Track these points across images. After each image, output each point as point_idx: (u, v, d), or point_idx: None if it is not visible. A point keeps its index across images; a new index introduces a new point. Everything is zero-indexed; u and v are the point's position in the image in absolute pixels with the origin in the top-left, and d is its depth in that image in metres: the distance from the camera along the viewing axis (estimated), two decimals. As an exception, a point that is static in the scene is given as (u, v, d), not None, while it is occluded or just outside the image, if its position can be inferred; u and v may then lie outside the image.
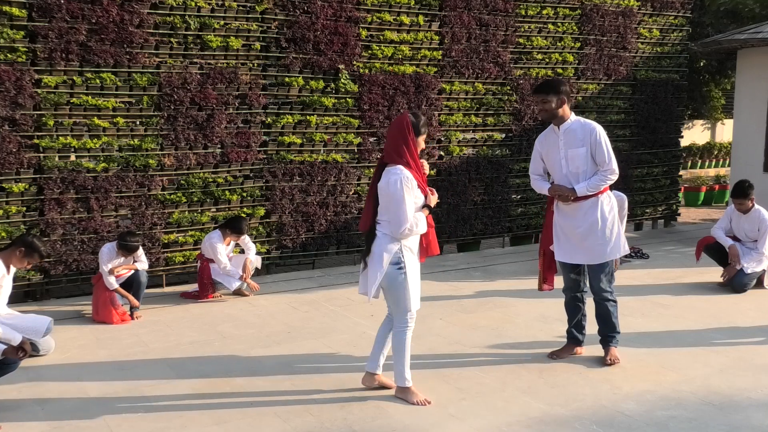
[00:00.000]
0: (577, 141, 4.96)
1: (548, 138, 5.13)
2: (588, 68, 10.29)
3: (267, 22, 8.09)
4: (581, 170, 4.96)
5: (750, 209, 7.41)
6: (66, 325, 6.33)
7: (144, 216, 7.57)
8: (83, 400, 4.62)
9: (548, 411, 4.34)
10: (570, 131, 4.99)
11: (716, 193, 15.34)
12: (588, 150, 4.94)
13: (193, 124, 7.73)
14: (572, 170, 4.98)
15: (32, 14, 6.96)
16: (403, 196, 4.22)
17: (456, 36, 9.22)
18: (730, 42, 10.39)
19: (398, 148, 4.33)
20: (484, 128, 9.66)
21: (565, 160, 5.00)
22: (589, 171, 4.97)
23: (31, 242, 5.50)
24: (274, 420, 4.26)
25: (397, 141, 4.34)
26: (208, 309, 6.92)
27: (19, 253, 5.45)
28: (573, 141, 4.97)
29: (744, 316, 6.40)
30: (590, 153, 4.95)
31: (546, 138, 5.15)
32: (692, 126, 23.81)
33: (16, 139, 6.94)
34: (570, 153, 4.96)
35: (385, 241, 4.34)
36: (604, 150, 4.93)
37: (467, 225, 9.57)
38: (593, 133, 4.94)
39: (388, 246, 4.33)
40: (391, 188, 4.24)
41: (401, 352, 4.48)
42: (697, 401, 4.46)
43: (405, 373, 4.49)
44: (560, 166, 5.04)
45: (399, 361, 4.50)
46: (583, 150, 4.93)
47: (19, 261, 5.49)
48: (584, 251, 5.03)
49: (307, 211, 8.43)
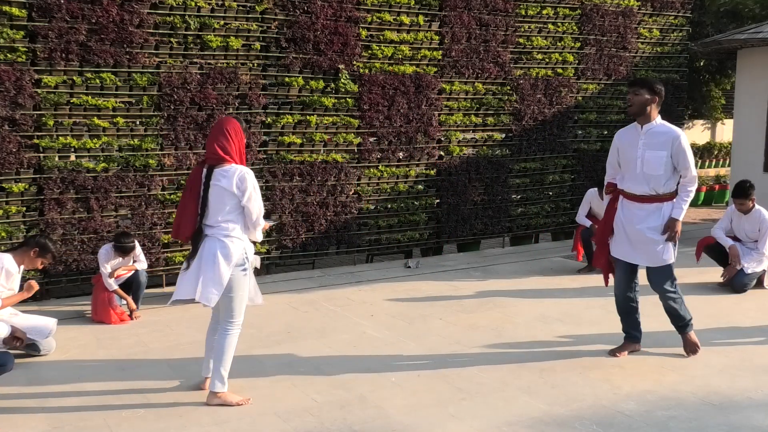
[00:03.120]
0: (658, 144, 4.94)
1: (628, 134, 5.12)
2: (588, 68, 10.29)
3: (267, 22, 8.09)
4: (656, 173, 4.94)
5: (750, 209, 7.41)
6: (66, 325, 6.33)
7: (144, 216, 7.57)
8: (83, 400, 4.61)
9: (548, 411, 4.34)
10: (652, 133, 4.99)
11: (716, 193, 15.35)
12: (668, 154, 4.92)
13: (193, 124, 7.73)
14: (647, 171, 4.97)
15: (32, 14, 6.96)
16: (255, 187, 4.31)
17: (456, 36, 9.22)
18: (730, 42, 10.39)
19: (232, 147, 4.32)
20: (484, 128, 9.66)
21: (641, 161, 4.97)
22: (664, 176, 4.95)
23: (44, 243, 5.57)
24: (274, 420, 4.26)
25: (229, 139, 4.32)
26: (208, 309, 6.82)
27: (33, 253, 5.51)
28: (654, 143, 4.95)
29: (744, 316, 6.39)
30: (670, 158, 4.93)
31: (626, 133, 5.15)
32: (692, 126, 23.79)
33: (16, 139, 6.94)
34: (648, 154, 4.94)
35: (229, 243, 4.32)
36: (688, 158, 4.93)
37: (467, 225, 9.56)
38: (677, 140, 4.91)
39: (233, 248, 4.31)
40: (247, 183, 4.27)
41: (224, 354, 4.43)
42: (697, 401, 4.46)
43: (224, 377, 4.44)
44: (635, 165, 5.01)
45: (220, 364, 4.42)
46: (663, 154, 4.90)
47: (31, 261, 5.55)
48: (644, 254, 5.08)
49: (307, 211, 8.43)
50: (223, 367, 4.45)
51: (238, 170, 4.30)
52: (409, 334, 5.95)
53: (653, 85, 4.95)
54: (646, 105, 4.94)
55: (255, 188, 4.33)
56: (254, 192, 4.31)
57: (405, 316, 6.52)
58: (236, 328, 4.50)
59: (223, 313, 4.50)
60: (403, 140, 8.99)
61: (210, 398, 4.50)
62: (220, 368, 4.45)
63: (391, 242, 9.11)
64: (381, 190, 8.98)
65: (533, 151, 9.98)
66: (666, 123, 5.07)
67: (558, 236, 10.59)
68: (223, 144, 4.32)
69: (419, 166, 9.26)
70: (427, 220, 9.36)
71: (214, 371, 4.48)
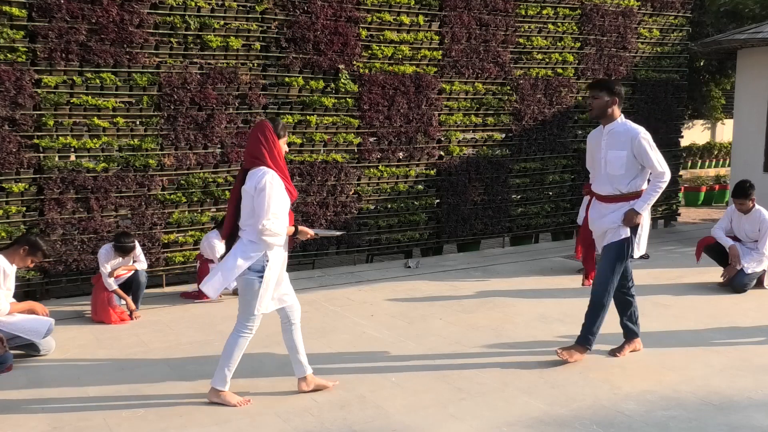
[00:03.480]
0: (619, 143, 4.93)
1: (595, 135, 5.16)
2: (588, 68, 10.29)
3: (267, 22, 8.09)
4: (618, 173, 4.94)
5: (750, 209, 7.41)
6: (66, 325, 6.33)
7: (144, 216, 7.57)
8: (83, 400, 4.61)
9: (548, 411, 4.34)
10: (614, 133, 4.98)
11: (716, 193, 15.35)
12: (629, 154, 4.89)
13: (193, 124, 7.73)
14: (610, 172, 4.97)
15: (32, 14, 6.96)
16: (267, 192, 4.23)
17: (456, 36, 9.22)
18: (730, 42, 10.39)
19: (261, 151, 4.34)
20: (484, 128, 9.66)
21: (604, 161, 4.99)
22: (626, 175, 4.94)
23: (34, 241, 5.55)
24: (274, 420, 4.26)
25: (257, 145, 4.35)
26: (207, 309, 6.92)
27: (22, 251, 5.49)
28: (615, 143, 4.95)
29: (744, 316, 6.39)
30: (633, 157, 4.91)
31: (594, 135, 5.19)
32: (692, 126, 23.82)
33: (16, 139, 6.94)
34: (610, 155, 4.94)
35: (249, 248, 4.32)
36: (650, 155, 4.87)
37: (467, 225, 9.56)
38: (636, 139, 4.88)
39: (251, 253, 4.31)
40: (258, 186, 4.25)
41: (231, 355, 4.44)
42: (697, 401, 4.46)
43: (227, 377, 4.46)
44: (600, 166, 5.04)
45: (226, 363, 4.44)
46: (623, 154, 4.89)
47: (22, 259, 5.53)
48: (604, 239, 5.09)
49: (307, 211, 8.43)
50: (227, 367, 4.45)
51: (261, 172, 4.29)
52: (409, 334, 5.95)
53: (612, 87, 4.94)
54: (606, 107, 4.94)
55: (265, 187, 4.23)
56: (262, 191, 4.23)
57: (405, 316, 6.52)
58: (247, 331, 4.48)
59: (239, 313, 4.52)
60: (403, 140, 8.99)
61: (211, 394, 4.51)
62: (225, 368, 4.45)
63: (391, 242, 9.11)
64: (381, 190, 8.98)
65: (533, 151, 9.98)
66: (628, 122, 5.03)
67: (558, 236, 10.59)
68: (252, 149, 4.37)
69: (419, 166, 9.26)
70: (427, 220, 9.36)
71: (218, 369, 4.48)
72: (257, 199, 4.25)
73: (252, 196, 4.27)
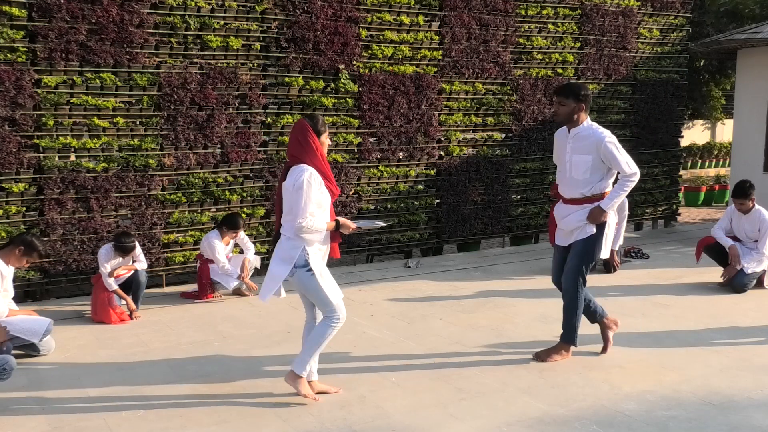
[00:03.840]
0: (584, 148, 4.92)
1: (561, 136, 5.14)
2: (588, 68, 10.29)
3: (267, 22, 8.09)
4: (582, 178, 4.93)
5: (750, 209, 7.41)
6: (66, 325, 6.33)
7: (144, 216, 7.57)
8: (83, 400, 4.61)
9: (548, 411, 4.34)
10: (579, 137, 4.97)
11: (716, 193, 15.35)
12: (594, 159, 4.88)
13: (193, 124, 7.73)
14: (575, 176, 4.97)
15: (32, 14, 6.96)
16: (305, 190, 4.24)
17: (456, 36, 9.22)
18: (730, 42, 10.39)
19: (300, 149, 4.37)
20: (484, 128, 9.66)
21: (569, 164, 4.98)
22: (590, 179, 4.93)
23: (30, 241, 5.51)
24: (274, 420, 4.26)
25: (298, 144, 4.38)
26: (207, 309, 6.92)
27: (18, 251, 5.45)
28: (580, 147, 4.94)
29: (744, 316, 6.39)
30: (599, 161, 4.89)
31: (560, 136, 5.16)
32: (692, 126, 23.81)
33: (16, 139, 6.93)
34: (575, 158, 4.94)
35: (288, 245, 4.35)
36: (618, 158, 4.87)
37: (467, 225, 9.57)
38: (601, 144, 4.86)
39: (290, 251, 4.33)
40: (296, 184, 4.26)
41: (317, 344, 4.43)
42: (697, 401, 4.46)
43: (306, 364, 4.46)
44: (565, 169, 5.04)
45: (309, 351, 4.44)
46: (588, 158, 4.88)
47: (17, 260, 5.50)
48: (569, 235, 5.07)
49: (307, 211, 8.42)
50: (312, 356, 4.45)
51: (299, 169, 4.31)
52: (409, 334, 5.95)
53: (579, 92, 4.90)
54: (573, 113, 4.92)
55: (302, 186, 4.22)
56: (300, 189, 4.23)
57: (405, 316, 6.52)
58: (335, 321, 4.45)
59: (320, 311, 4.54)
60: (403, 140, 8.99)
61: (288, 377, 4.49)
62: (309, 355, 4.45)
63: (391, 242, 9.11)
64: (381, 190, 8.98)
65: (533, 151, 9.98)
66: (594, 125, 4.99)
67: (558, 236, 10.58)
68: (292, 148, 4.42)
69: (419, 166, 9.26)
70: (427, 220, 9.36)
71: (301, 354, 4.47)
72: (294, 196, 4.27)
73: (291, 192, 4.30)
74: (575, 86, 4.97)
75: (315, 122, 4.43)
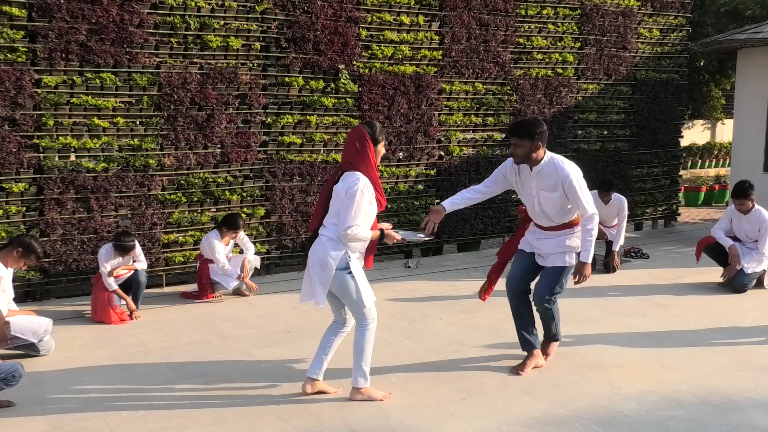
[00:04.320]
0: (549, 185, 4.76)
1: (523, 171, 4.90)
2: (588, 68, 10.29)
3: (267, 22, 8.09)
4: (554, 211, 4.84)
5: (750, 209, 7.41)
6: (66, 325, 6.33)
7: (144, 216, 7.57)
8: (83, 400, 4.61)
9: (548, 411, 4.34)
10: (542, 174, 4.78)
11: (716, 193, 15.35)
12: (561, 195, 4.76)
13: (193, 124, 7.73)
14: (545, 210, 4.87)
15: (32, 14, 6.96)
16: (357, 199, 4.24)
17: (456, 36, 9.22)
18: (730, 42, 10.39)
19: (356, 157, 4.37)
20: (484, 128, 9.66)
21: (537, 200, 4.86)
22: (562, 210, 4.84)
23: (28, 243, 5.48)
24: (274, 420, 4.26)
25: (355, 151, 4.38)
26: (208, 309, 6.92)
27: (16, 253, 5.44)
28: (545, 184, 4.78)
29: (744, 316, 6.39)
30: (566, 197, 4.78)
31: (522, 170, 4.91)
32: (692, 126, 23.81)
33: (16, 139, 6.94)
34: (542, 195, 4.81)
35: (330, 246, 4.35)
36: (580, 197, 4.71)
37: (467, 225, 9.57)
38: (566, 181, 4.69)
39: (333, 252, 4.34)
40: (349, 192, 4.27)
41: (363, 350, 4.46)
42: (697, 401, 4.46)
43: (364, 374, 4.48)
44: (533, 204, 4.91)
45: (360, 359, 4.46)
46: (556, 195, 4.75)
47: (15, 261, 5.49)
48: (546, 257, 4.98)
49: (307, 211, 8.43)
50: (364, 362, 4.46)
51: (354, 177, 4.31)
52: (409, 334, 5.95)
53: (533, 132, 4.67)
54: (530, 153, 4.72)
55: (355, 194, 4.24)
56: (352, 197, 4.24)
57: (405, 316, 6.52)
58: (370, 322, 4.47)
59: (351, 314, 4.56)
60: (403, 140, 8.99)
61: (353, 394, 4.51)
62: (361, 363, 4.46)
63: (391, 242, 9.10)
64: (381, 190, 8.97)
65: (533, 151, 9.96)
66: (555, 159, 4.77)
67: (558, 236, 10.58)
68: (348, 154, 4.40)
69: (419, 166, 9.26)
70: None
71: (355, 367, 4.48)
72: (345, 202, 4.27)
73: (342, 198, 4.30)
74: (528, 125, 4.73)
75: (373, 130, 4.43)
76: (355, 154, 4.36)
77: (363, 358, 4.47)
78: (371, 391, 4.52)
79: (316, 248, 4.43)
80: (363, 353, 4.47)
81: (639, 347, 5.51)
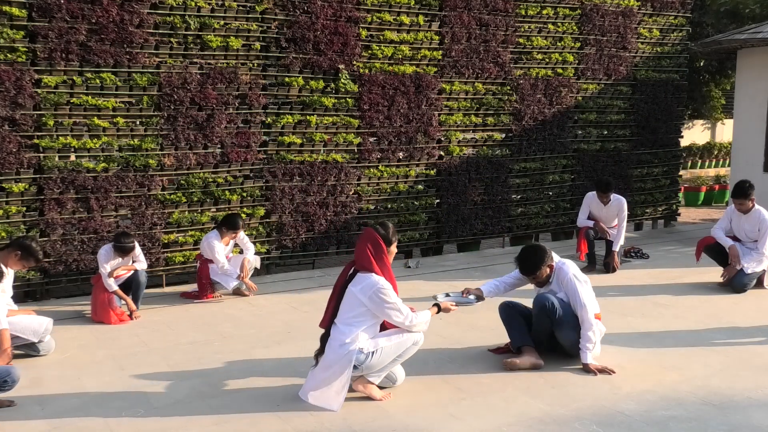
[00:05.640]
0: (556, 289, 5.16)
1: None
2: (588, 68, 10.29)
3: (267, 22, 8.09)
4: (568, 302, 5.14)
5: (750, 209, 7.40)
6: (66, 325, 6.33)
7: (144, 216, 7.57)
8: (83, 400, 4.61)
9: (548, 411, 4.34)
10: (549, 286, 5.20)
11: (716, 193, 15.34)
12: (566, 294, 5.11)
13: (193, 124, 7.73)
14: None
15: (32, 14, 6.96)
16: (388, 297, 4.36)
17: (456, 36, 9.22)
18: (730, 42, 10.39)
19: (370, 261, 4.44)
20: (484, 128, 9.66)
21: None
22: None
23: (28, 246, 5.47)
24: (274, 420, 4.26)
25: (369, 255, 4.45)
26: (207, 309, 6.92)
27: (15, 255, 5.43)
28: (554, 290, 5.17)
29: (744, 316, 6.39)
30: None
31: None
32: (692, 126, 23.81)
33: (16, 139, 6.94)
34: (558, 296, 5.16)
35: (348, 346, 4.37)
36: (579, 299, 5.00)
37: (467, 225, 9.57)
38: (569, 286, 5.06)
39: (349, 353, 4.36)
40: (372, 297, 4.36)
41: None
42: (697, 401, 4.46)
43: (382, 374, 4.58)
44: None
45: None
46: (562, 294, 5.12)
47: (15, 263, 5.48)
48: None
49: (307, 211, 8.44)
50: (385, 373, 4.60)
51: (371, 282, 4.38)
52: (409, 334, 5.94)
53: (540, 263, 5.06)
54: (549, 277, 5.16)
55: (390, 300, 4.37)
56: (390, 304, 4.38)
57: (405, 316, 6.51)
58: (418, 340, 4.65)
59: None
60: (403, 140, 8.99)
61: (356, 383, 4.54)
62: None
63: (391, 242, 9.10)
64: (381, 190, 8.98)
65: (533, 151, 9.98)
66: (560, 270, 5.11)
67: (558, 236, 10.59)
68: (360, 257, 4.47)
69: (419, 166, 9.26)
70: (427, 220, 9.36)
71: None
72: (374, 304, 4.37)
73: (361, 302, 4.38)
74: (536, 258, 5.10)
75: (386, 232, 4.51)
76: (369, 257, 4.43)
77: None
78: (373, 390, 4.53)
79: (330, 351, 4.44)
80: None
81: (639, 347, 5.51)
